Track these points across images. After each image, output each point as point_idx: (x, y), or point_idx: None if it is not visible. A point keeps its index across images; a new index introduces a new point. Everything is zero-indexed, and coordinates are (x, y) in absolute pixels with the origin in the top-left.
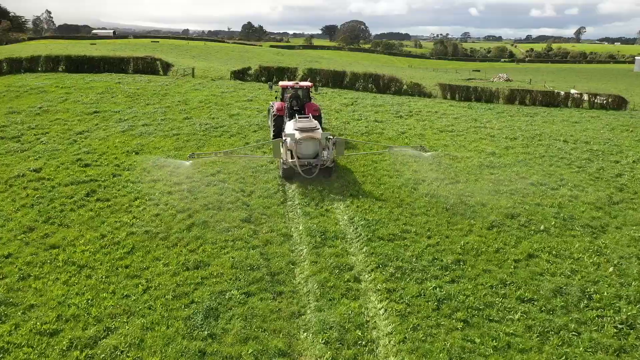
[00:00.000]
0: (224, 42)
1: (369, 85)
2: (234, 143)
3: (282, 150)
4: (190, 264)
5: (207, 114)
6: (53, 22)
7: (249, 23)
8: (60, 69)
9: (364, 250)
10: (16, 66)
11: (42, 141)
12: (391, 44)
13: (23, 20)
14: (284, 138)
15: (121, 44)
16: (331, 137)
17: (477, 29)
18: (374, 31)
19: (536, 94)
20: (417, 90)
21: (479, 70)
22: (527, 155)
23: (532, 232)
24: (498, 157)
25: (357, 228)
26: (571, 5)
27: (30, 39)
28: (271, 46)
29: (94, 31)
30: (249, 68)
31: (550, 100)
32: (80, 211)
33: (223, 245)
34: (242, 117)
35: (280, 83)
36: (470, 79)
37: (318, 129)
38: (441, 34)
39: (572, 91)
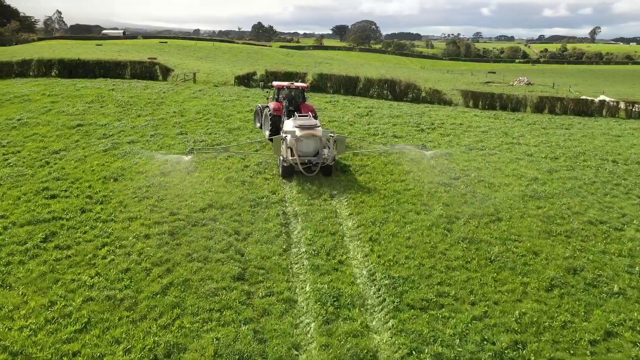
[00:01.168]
0: (233, 42)
1: (385, 92)
2: (231, 166)
3: (282, 147)
4: (159, 350)
5: (204, 128)
6: (64, 22)
7: (259, 23)
8: (53, 74)
9: (390, 325)
10: (6, 70)
11: (9, 163)
12: (402, 45)
13: (33, 20)
14: (284, 135)
15: (129, 44)
16: (332, 134)
17: (489, 29)
18: (384, 31)
19: (567, 102)
20: (436, 98)
21: (494, 72)
22: (575, 182)
23: (604, 295)
24: (542, 184)
25: (379, 289)
26: (585, 4)
27: (40, 39)
28: (281, 46)
29: (104, 31)
30: (254, 73)
31: (583, 108)
32: (30, 264)
33: (206, 317)
34: (243, 132)
35: (275, 83)
36: (488, 82)
37: (319, 126)
38: (452, 34)
39: (603, 97)
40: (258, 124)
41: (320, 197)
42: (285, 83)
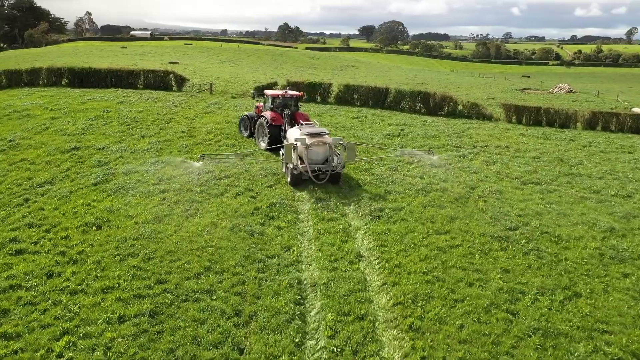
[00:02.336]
0: (258, 43)
1: (417, 105)
2: (239, 207)
3: (293, 155)
4: None
5: (214, 153)
6: (94, 23)
7: (286, 24)
8: (63, 83)
9: None
10: (15, 79)
11: None
12: (430, 46)
13: (63, 22)
14: (295, 143)
15: (154, 46)
16: (342, 142)
17: (519, 29)
18: (412, 31)
19: (624, 117)
20: (475, 112)
21: (529, 76)
22: None
23: None
24: (621, 237)
25: None
26: (619, 4)
27: (69, 40)
28: (306, 48)
29: (132, 32)
30: (275, 83)
31: None
32: None
33: None
34: (259, 158)
35: (269, 92)
36: (525, 89)
37: (328, 134)
38: (481, 34)
39: None
40: (246, 133)
41: (346, 257)
42: (280, 92)
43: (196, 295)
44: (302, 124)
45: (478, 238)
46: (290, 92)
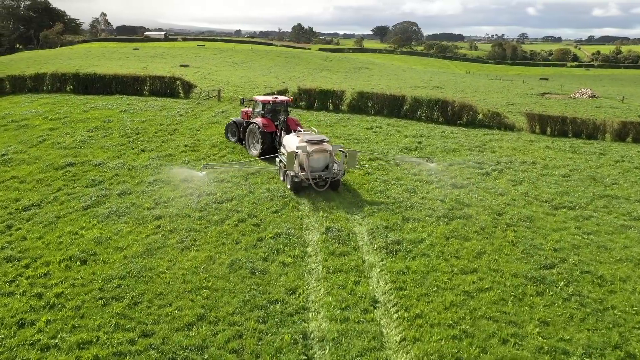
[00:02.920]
0: (272, 44)
1: (435, 114)
2: (241, 238)
3: (295, 163)
4: None
5: (214, 168)
6: (109, 23)
7: (299, 24)
8: (68, 89)
9: None
10: (19, 85)
11: None
12: (445, 46)
13: (78, 22)
14: (296, 150)
15: (167, 47)
16: (342, 149)
17: (534, 29)
18: (426, 31)
19: None
20: (496, 121)
21: (547, 79)
22: None
23: None
24: None
25: None
26: (638, 3)
27: (84, 41)
28: (320, 49)
29: (146, 33)
30: (286, 90)
31: None
32: None
33: None
34: (265, 178)
35: (259, 98)
36: (545, 93)
37: (328, 141)
38: (496, 35)
39: None
40: (233, 139)
41: (359, 303)
42: (270, 98)
43: (185, 354)
44: (299, 131)
45: (510, 279)
46: (281, 98)
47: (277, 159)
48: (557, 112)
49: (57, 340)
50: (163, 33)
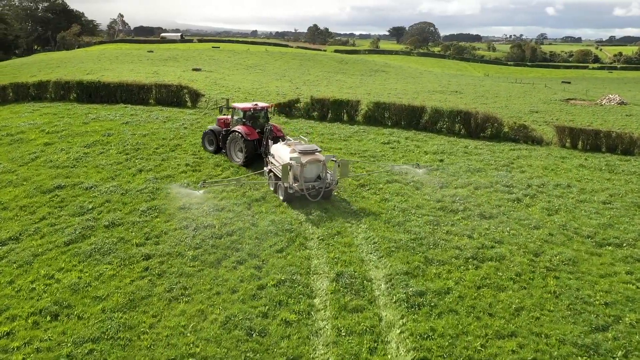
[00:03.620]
0: (287, 46)
1: (456, 126)
2: (238, 285)
3: (290, 175)
4: None
5: (219, 196)
6: (127, 24)
7: (315, 25)
8: (72, 97)
9: None
10: (22, 93)
11: None
12: (462, 48)
13: (95, 24)
14: (290, 162)
15: (181, 49)
16: (334, 158)
17: (553, 29)
18: (443, 32)
19: None
20: (522, 134)
21: (569, 82)
22: None
23: None
24: None
25: None
26: None
27: (100, 42)
28: (335, 51)
29: (162, 34)
30: (297, 100)
31: None
32: None
33: None
34: (270, 205)
35: (240, 105)
36: (570, 99)
37: (320, 150)
38: (514, 35)
39: None
40: (211, 148)
41: None
42: (250, 105)
43: None
44: (288, 139)
45: (556, 347)
46: (261, 104)
47: (267, 169)
48: (585, 121)
49: None
50: (179, 34)
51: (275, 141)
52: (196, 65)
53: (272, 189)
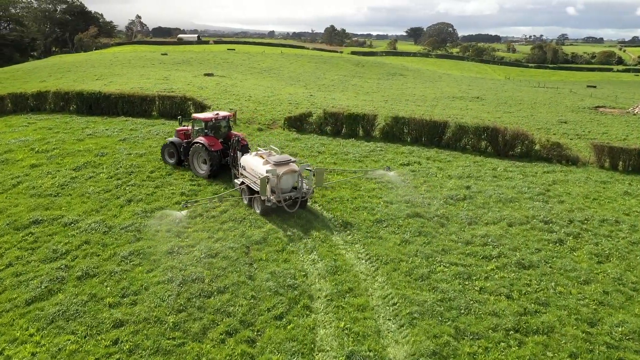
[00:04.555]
0: (303, 47)
1: (482, 144)
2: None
3: (267, 188)
4: None
5: (212, 236)
6: (145, 25)
7: (332, 26)
8: (72, 108)
9: None
10: (21, 104)
11: None
12: (481, 49)
13: (113, 25)
14: (267, 175)
15: (196, 52)
16: (309, 168)
17: (574, 29)
18: (461, 32)
19: None
20: (556, 153)
21: (594, 86)
22: None
23: None
24: None
25: None
26: None
27: (117, 44)
28: (352, 52)
29: (179, 36)
30: (310, 114)
31: None
32: None
33: None
34: (271, 250)
35: (201, 116)
36: (599, 106)
37: (294, 160)
38: (534, 36)
39: None
40: (172, 161)
41: None
42: (211, 115)
43: None
44: (259, 150)
45: None
46: (222, 114)
47: (237, 181)
48: (619, 133)
49: None
50: (196, 36)
51: (242, 151)
52: (209, 69)
53: (245, 201)
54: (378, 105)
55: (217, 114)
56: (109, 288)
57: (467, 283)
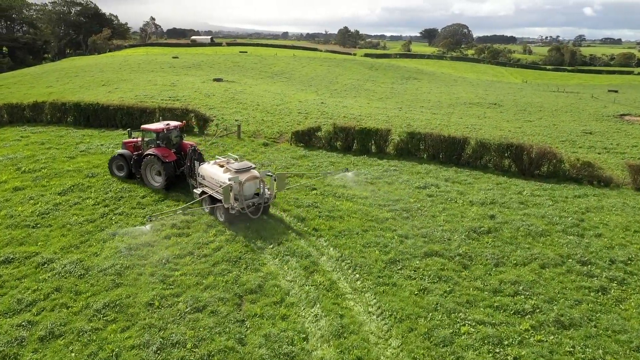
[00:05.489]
0: (316, 50)
1: (505, 162)
2: None
3: (231, 195)
4: None
5: (200, 276)
6: (159, 27)
7: (345, 28)
8: (69, 120)
9: None
10: (17, 115)
11: None
12: (497, 51)
13: (126, 27)
14: (230, 183)
15: (207, 54)
16: (270, 173)
17: (591, 30)
18: (476, 33)
19: None
20: (587, 174)
21: (616, 91)
22: None
23: None
24: None
25: None
26: None
27: (131, 46)
28: (365, 54)
29: (193, 37)
30: (318, 128)
31: None
32: None
33: None
34: (267, 302)
35: (151, 127)
36: (624, 114)
37: (255, 167)
38: (550, 36)
39: None
40: (121, 174)
41: None
42: (162, 125)
43: None
44: (217, 158)
45: None
46: (173, 124)
47: (197, 191)
48: None
49: None
50: (209, 37)
51: (198, 161)
52: (219, 73)
53: (206, 211)
54: (391, 114)
55: (168, 124)
56: (74, 354)
57: (498, 351)
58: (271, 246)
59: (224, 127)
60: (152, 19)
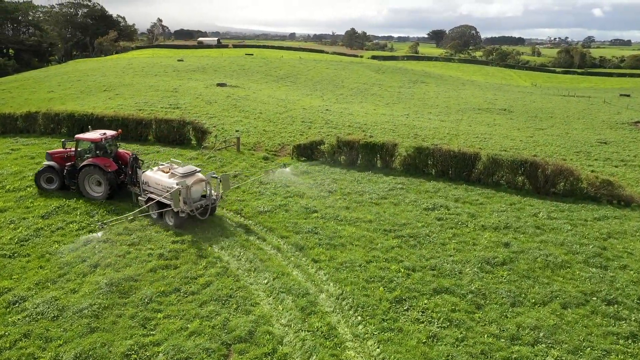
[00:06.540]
0: (322, 51)
1: (519, 179)
2: None
3: (180, 199)
4: None
5: (185, 318)
6: (167, 28)
7: (352, 29)
8: (63, 130)
9: None
10: (10, 125)
11: None
12: (506, 53)
13: (133, 29)
14: (178, 187)
15: (213, 57)
16: (215, 175)
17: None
18: (484, 34)
19: None
20: (606, 192)
21: (628, 95)
22: None
23: None
24: None
25: None
26: None
27: (137, 47)
28: (372, 57)
29: (200, 39)
30: (321, 142)
31: None
32: None
33: None
34: (258, 355)
35: (86, 136)
36: (638, 122)
37: (199, 170)
38: (559, 37)
39: None
40: (52, 187)
41: None
42: (99, 135)
43: None
44: (161, 164)
45: None
46: (109, 133)
47: (141, 199)
48: None
49: None
50: (216, 39)
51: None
52: (223, 77)
53: (154, 217)
54: (398, 121)
55: (105, 133)
56: None
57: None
58: (265, 281)
59: (222, 139)
60: (160, 20)
